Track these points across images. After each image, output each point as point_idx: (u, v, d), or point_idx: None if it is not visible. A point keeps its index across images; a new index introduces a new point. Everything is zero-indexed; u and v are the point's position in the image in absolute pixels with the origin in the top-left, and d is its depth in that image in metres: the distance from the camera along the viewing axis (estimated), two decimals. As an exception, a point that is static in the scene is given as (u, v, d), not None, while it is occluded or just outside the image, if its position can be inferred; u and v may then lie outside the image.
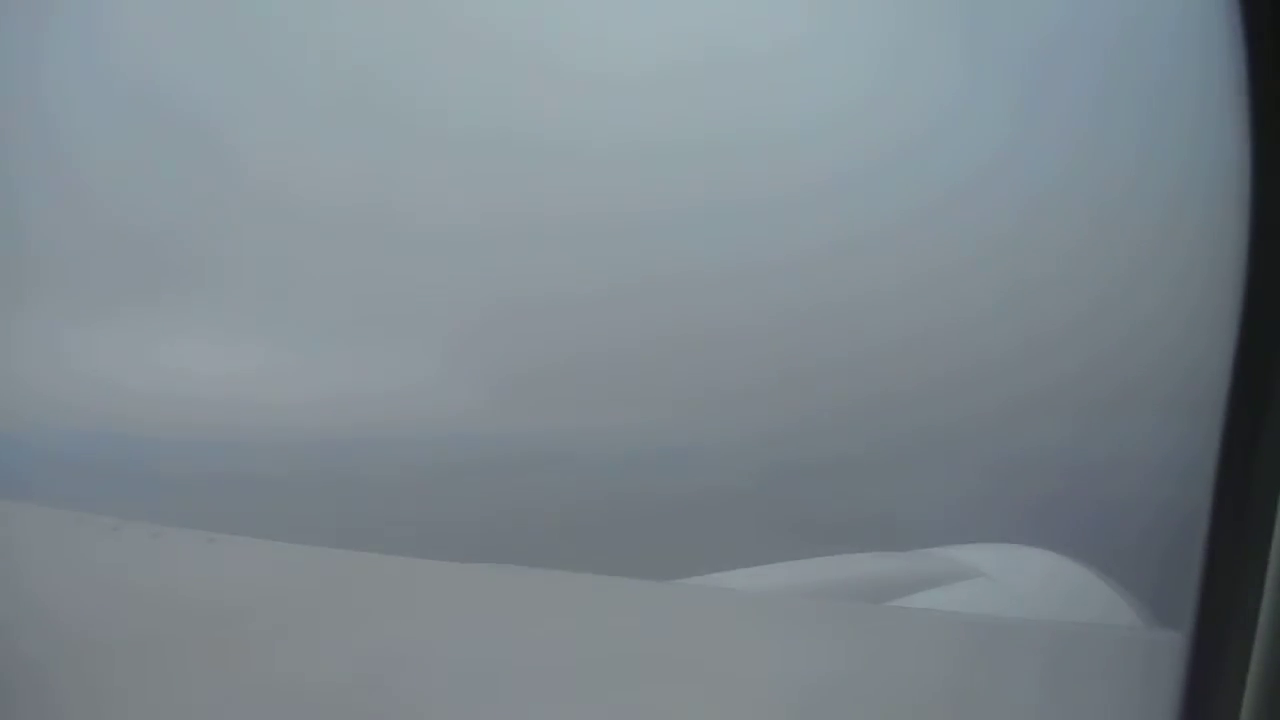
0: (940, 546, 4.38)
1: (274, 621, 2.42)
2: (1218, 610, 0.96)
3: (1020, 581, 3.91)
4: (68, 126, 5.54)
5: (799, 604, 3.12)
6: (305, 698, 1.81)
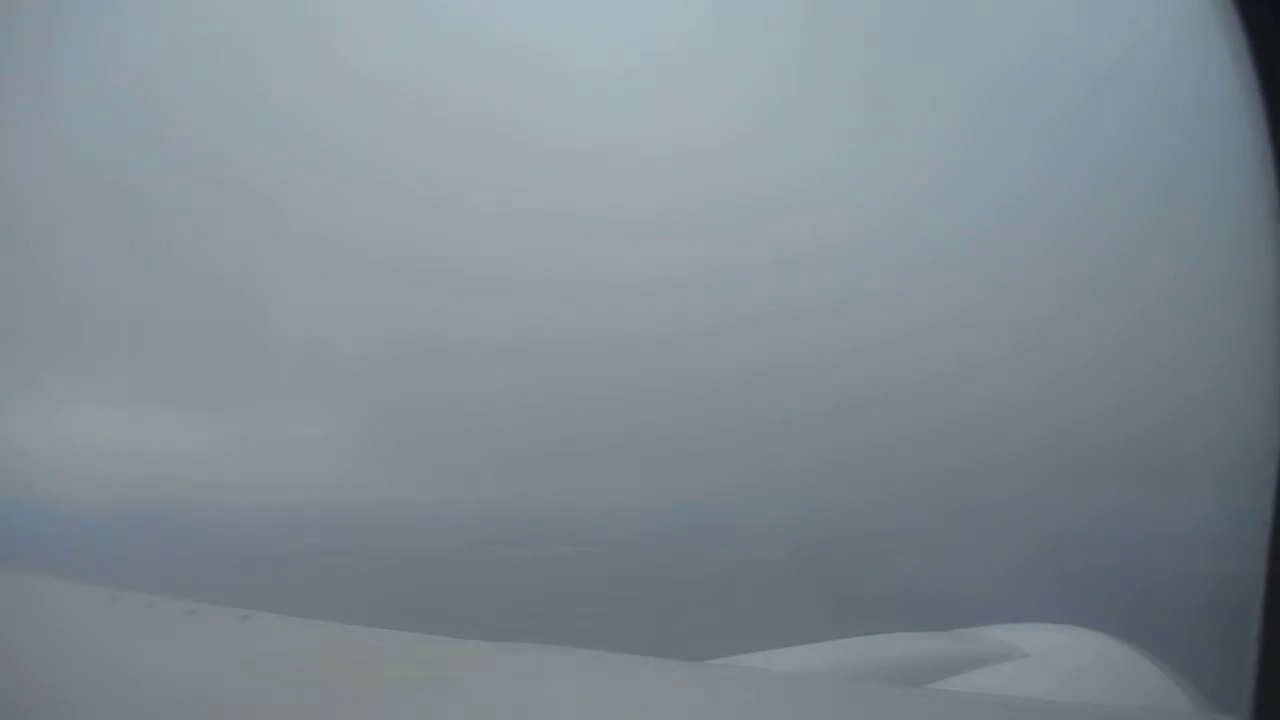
0: (984, 626, 4.30)
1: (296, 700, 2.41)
2: (1275, 695, 0.93)
3: (1067, 663, 3.81)
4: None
5: (838, 686, 3.05)
6: None
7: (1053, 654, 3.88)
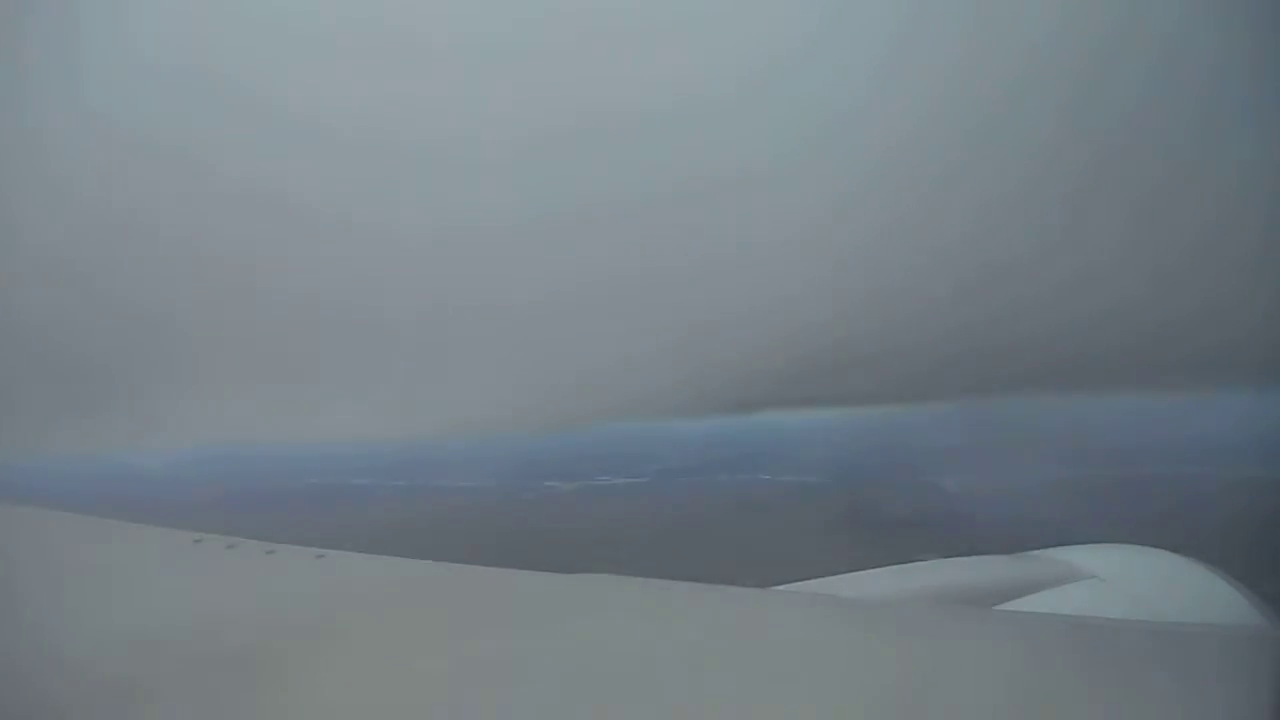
0: (1051, 548, 4.26)
1: (377, 634, 2.46)
2: None
3: (1137, 584, 3.76)
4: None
5: (906, 608, 3.05)
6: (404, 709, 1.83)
7: (1122, 574, 3.84)
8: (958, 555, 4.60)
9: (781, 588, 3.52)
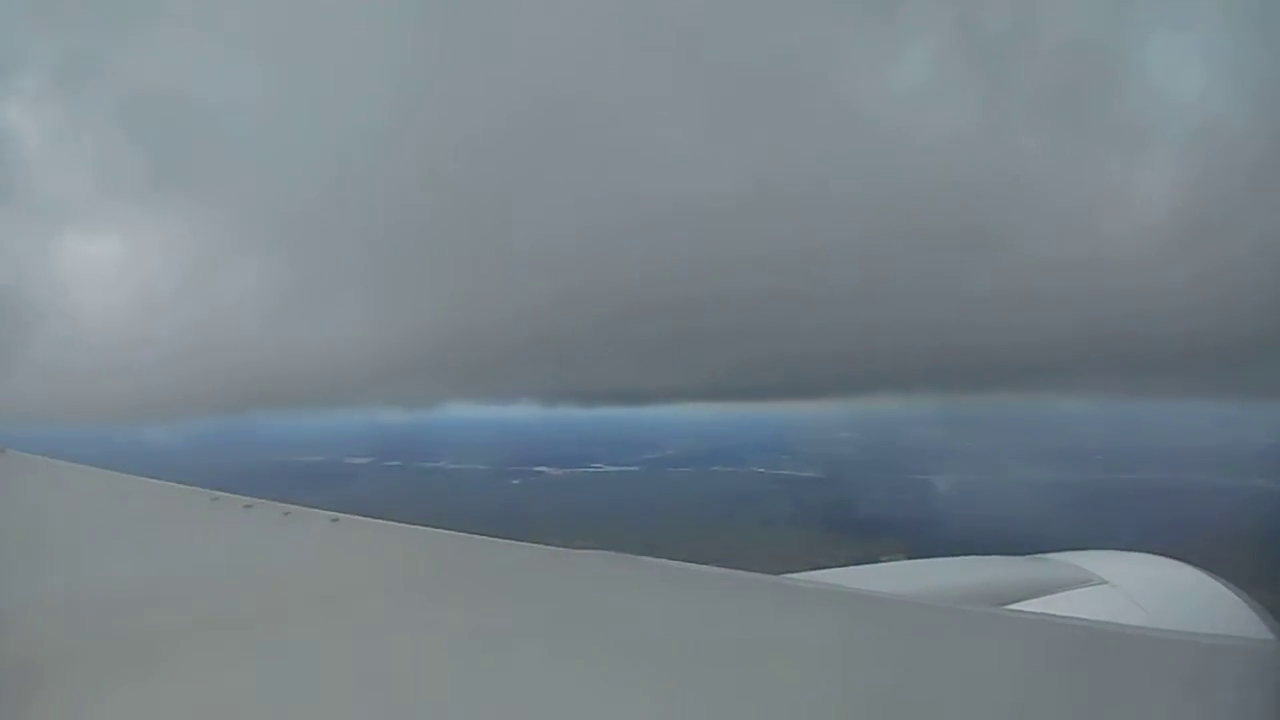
0: (1061, 552, 4.29)
1: (387, 601, 2.46)
2: None
3: (1145, 591, 3.79)
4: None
5: (914, 604, 3.04)
6: (411, 678, 1.83)
7: (1131, 581, 3.87)
8: (944, 555, 4.62)
9: (790, 576, 3.52)
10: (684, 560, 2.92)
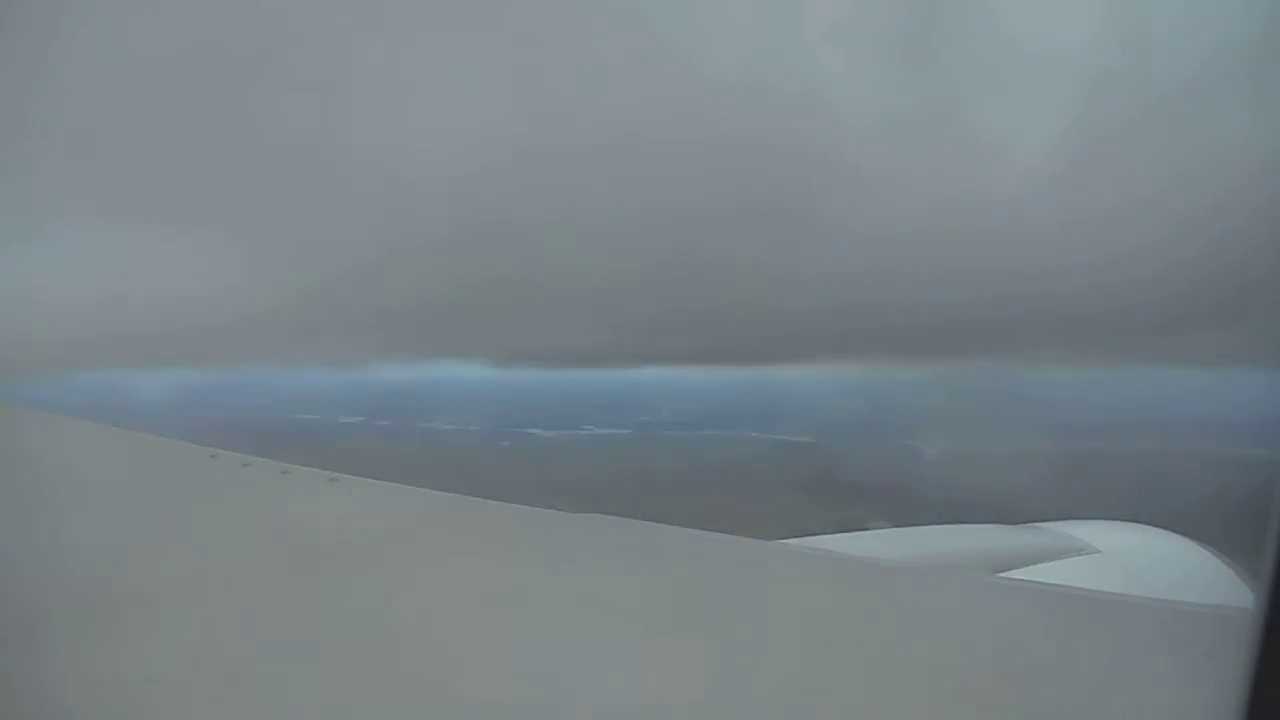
0: (1054, 521, 4.32)
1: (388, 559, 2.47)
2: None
3: (1135, 560, 3.83)
4: None
5: (909, 571, 3.07)
6: (411, 638, 1.84)
7: (1121, 551, 3.91)
8: (933, 522, 4.65)
9: (785, 542, 3.54)
10: (676, 524, 2.93)
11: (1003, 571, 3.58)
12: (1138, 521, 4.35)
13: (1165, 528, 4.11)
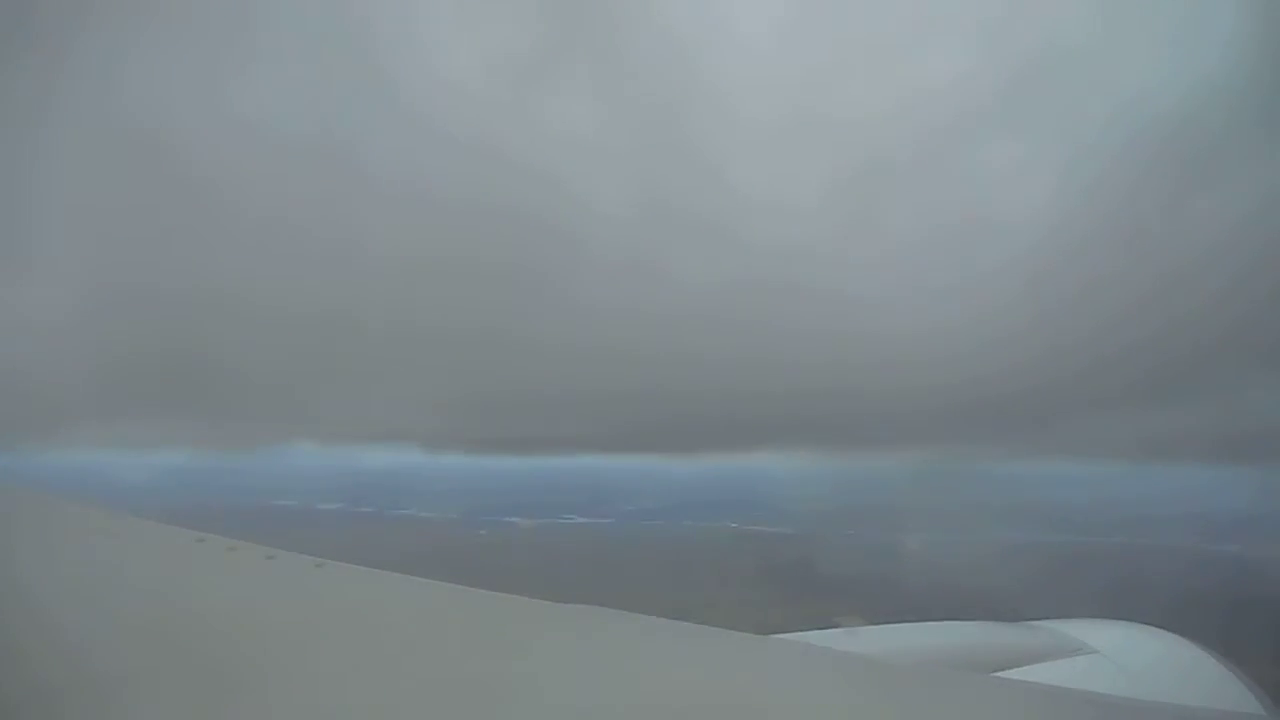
0: (1050, 620, 4.32)
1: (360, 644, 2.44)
2: None
3: (1134, 660, 3.82)
4: None
5: (904, 668, 3.03)
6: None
7: (1120, 651, 3.90)
8: (921, 617, 4.63)
9: (779, 637, 3.50)
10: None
11: (999, 671, 3.55)
12: (1125, 619, 4.37)
13: (1162, 627, 4.13)
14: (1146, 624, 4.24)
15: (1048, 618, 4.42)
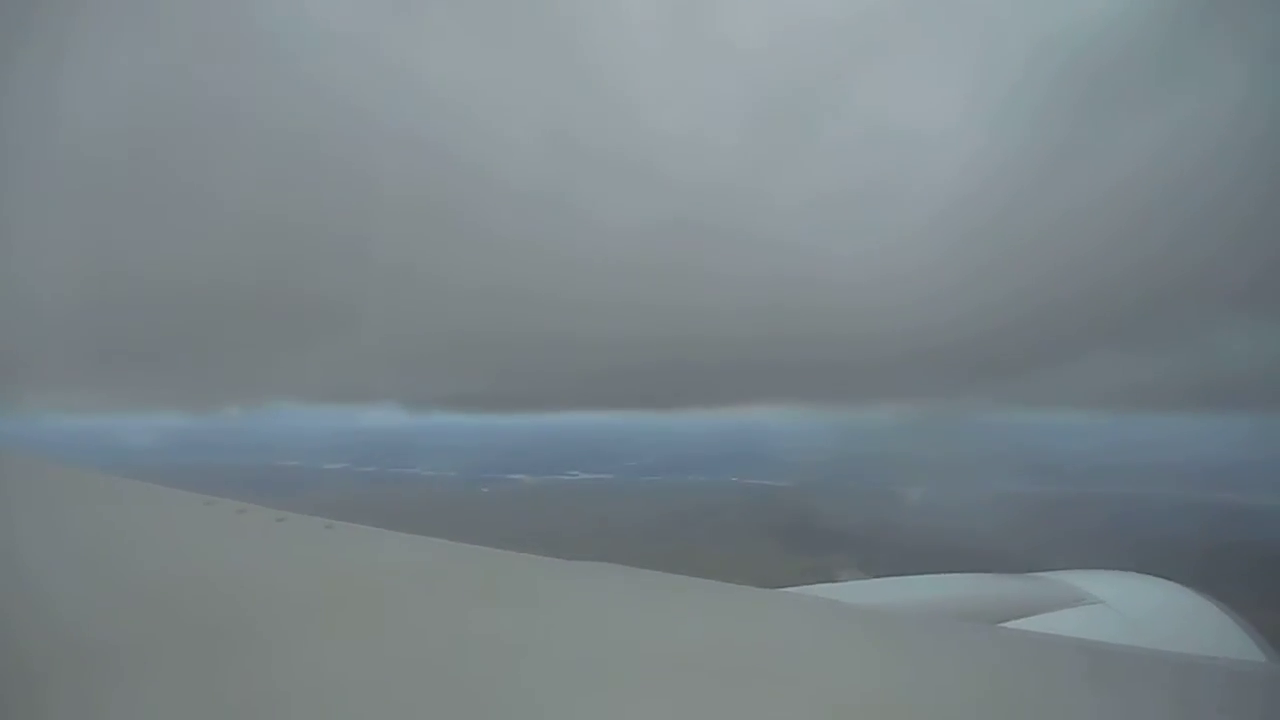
0: (1057, 571, 4.34)
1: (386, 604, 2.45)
2: None
3: (1140, 610, 3.84)
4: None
5: (909, 620, 3.06)
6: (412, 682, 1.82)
7: (1124, 601, 3.92)
8: (919, 570, 4.65)
9: (785, 590, 3.53)
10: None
11: (1003, 622, 3.57)
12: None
13: (1167, 577, 4.15)
14: (1146, 573, 4.27)
15: (1048, 567, 4.45)
